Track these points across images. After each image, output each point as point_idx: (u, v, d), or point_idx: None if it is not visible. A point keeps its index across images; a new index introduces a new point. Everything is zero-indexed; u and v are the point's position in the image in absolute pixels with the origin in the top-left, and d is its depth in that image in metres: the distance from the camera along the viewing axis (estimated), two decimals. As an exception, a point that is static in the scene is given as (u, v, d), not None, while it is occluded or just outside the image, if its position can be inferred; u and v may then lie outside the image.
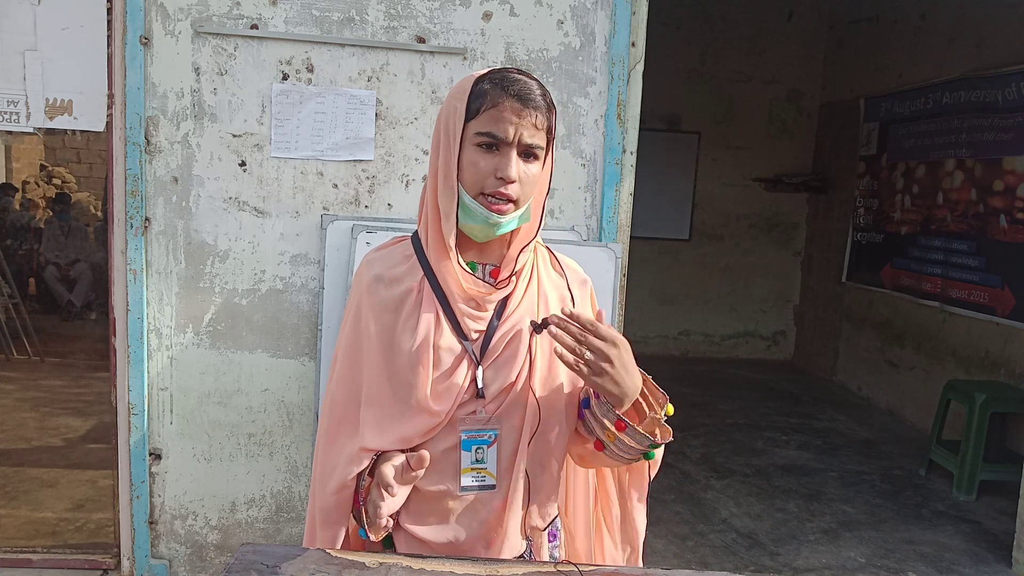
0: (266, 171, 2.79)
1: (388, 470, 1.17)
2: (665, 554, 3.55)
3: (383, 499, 1.19)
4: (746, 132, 7.34)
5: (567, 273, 1.39)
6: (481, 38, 2.78)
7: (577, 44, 2.81)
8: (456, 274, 1.27)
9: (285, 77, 2.75)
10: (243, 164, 2.78)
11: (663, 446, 1.30)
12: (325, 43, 2.75)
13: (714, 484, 4.41)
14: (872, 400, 6.30)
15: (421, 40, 2.77)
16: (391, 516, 1.24)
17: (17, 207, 8.41)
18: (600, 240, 2.86)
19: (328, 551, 1.26)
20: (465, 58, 2.78)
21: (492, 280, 1.32)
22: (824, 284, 7.16)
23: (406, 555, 1.27)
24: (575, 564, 1.27)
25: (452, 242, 1.27)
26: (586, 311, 1.37)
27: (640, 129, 2.90)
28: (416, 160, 2.83)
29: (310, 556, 1.23)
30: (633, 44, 2.82)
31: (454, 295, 1.28)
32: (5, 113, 2.74)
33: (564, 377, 1.33)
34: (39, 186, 9.18)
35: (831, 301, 7.00)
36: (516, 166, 1.23)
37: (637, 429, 1.25)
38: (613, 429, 1.25)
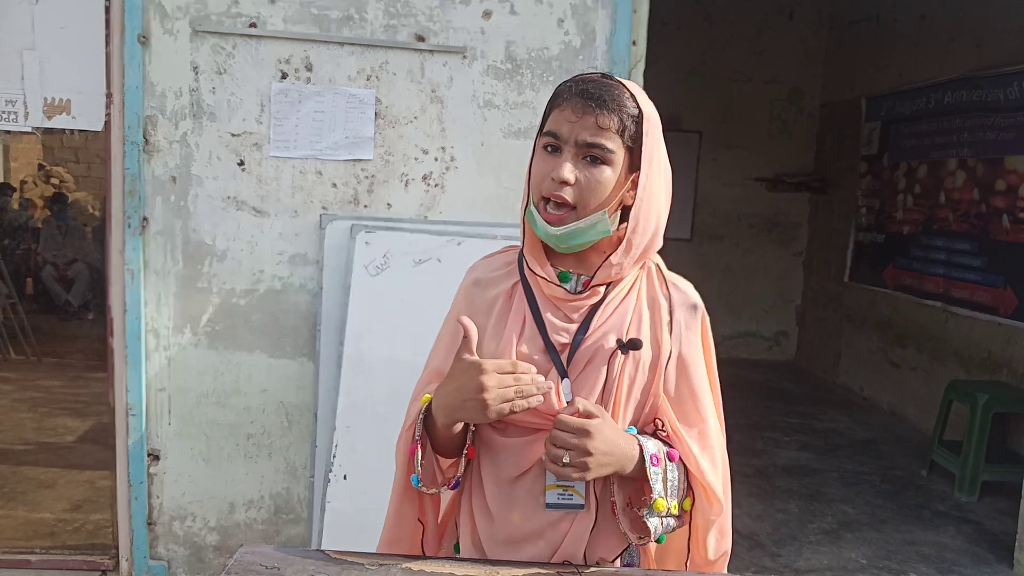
0: (265, 170, 2.78)
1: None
2: (666, 555, 3.53)
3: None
4: (747, 132, 7.33)
5: (672, 295, 1.29)
6: (481, 36, 2.77)
7: (578, 43, 2.80)
8: (537, 277, 1.25)
9: (284, 76, 2.74)
10: (242, 163, 2.77)
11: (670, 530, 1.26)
12: (324, 42, 2.73)
13: (715, 485, 4.39)
14: (874, 400, 6.29)
15: (421, 39, 2.75)
16: (450, 483, 1.24)
17: (15, 207, 8.40)
18: (601, 240, 2.85)
19: (327, 552, 1.24)
20: (465, 57, 2.77)
21: (583, 291, 1.26)
22: (825, 284, 7.15)
23: (405, 556, 1.26)
24: (575, 564, 1.25)
25: (529, 244, 1.26)
26: (692, 341, 1.29)
27: (641, 128, 2.88)
28: (416, 159, 2.81)
29: (309, 557, 1.23)
30: (634, 43, 2.81)
31: (543, 303, 1.25)
32: (3, 112, 2.73)
33: (641, 404, 1.27)
34: (37, 185, 9.17)
35: (832, 301, 6.99)
36: (571, 166, 1.17)
37: (621, 520, 1.23)
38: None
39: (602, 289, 1.25)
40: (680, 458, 1.26)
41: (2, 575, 2.99)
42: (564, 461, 1.15)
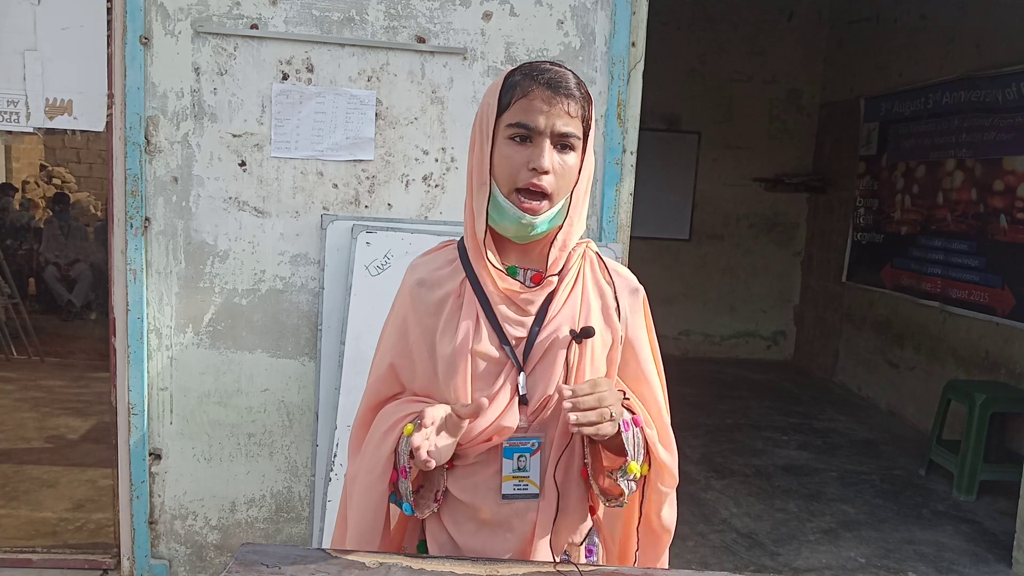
0: (266, 171, 2.79)
1: (431, 411, 1.17)
2: (665, 554, 3.54)
3: (423, 442, 1.15)
4: (746, 132, 7.34)
5: (616, 281, 1.35)
6: (481, 38, 2.78)
7: (577, 44, 2.81)
8: (489, 272, 1.25)
9: (285, 77, 2.75)
10: (243, 164, 2.78)
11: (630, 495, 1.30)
12: (325, 43, 2.75)
13: (714, 484, 4.41)
14: (872, 400, 6.29)
15: (421, 40, 2.77)
16: (437, 497, 1.23)
17: (17, 207, 8.41)
18: (600, 240, 2.86)
19: (328, 551, 1.26)
20: (465, 58, 2.78)
21: (533, 285, 1.28)
22: (824, 284, 7.16)
23: (406, 555, 1.27)
24: (575, 564, 1.26)
25: (481, 237, 1.25)
26: (637, 323, 1.36)
27: (640, 129, 2.90)
28: (416, 160, 2.83)
29: (310, 556, 1.23)
30: (633, 44, 2.82)
31: (494, 298, 1.26)
32: (5, 113, 2.74)
33: None
34: (39, 186, 9.18)
35: (831, 301, 7.00)
36: (550, 156, 1.20)
37: (593, 483, 1.29)
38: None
39: (555, 279, 1.28)
40: (640, 422, 1.30)
41: (4, 574, 3.00)
42: (591, 418, 1.15)
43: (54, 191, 8.87)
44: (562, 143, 1.21)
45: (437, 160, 2.83)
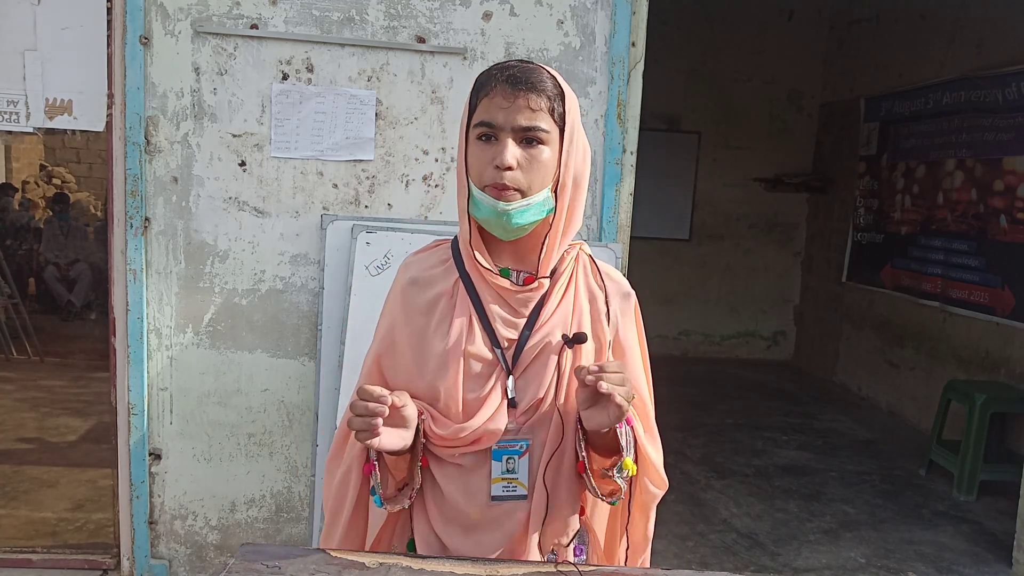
0: (266, 171, 2.79)
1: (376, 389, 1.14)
2: (665, 554, 3.54)
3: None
4: (746, 132, 7.34)
5: (607, 285, 1.33)
6: (481, 38, 2.78)
7: (577, 44, 2.81)
8: (479, 271, 1.25)
9: (285, 77, 2.75)
10: (243, 164, 2.78)
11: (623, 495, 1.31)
12: (325, 43, 2.75)
13: (714, 484, 4.40)
14: (872, 400, 6.29)
15: (421, 40, 2.77)
16: (411, 496, 1.23)
17: (17, 207, 8.41)
18: (600, 240, 2.86)
19: (328, 551, 1.25)
20: (465, 58, 2.78)
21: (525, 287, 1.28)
22: (824, 284, 7.16)
23: (406, 555, 1.27)
24: (575, 564, 1.26)
25: (467, 237, 1.25)
26: (628, 327, 1.34)
27: (640, 129, 2.90)
28: (416, 160, 2.82)
29: (310, 556, 1.23)
30: (633, 44, 2.82)
31: (486, 297, 1.26)
32: (5, 113, 2.74)
33: None
34: (39, 186, 9.18)
35: (831, 301, 7.00)
36: (511, 151, 1.19)
37: (589, 479, 1.28)
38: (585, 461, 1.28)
39: (547, 281, 1.27)
40: (630, 420, 1.28)
41: (4, 574, 3.00)
42: (621, 393, 1.14)
43: (54, 191, 8.86)
44: (527, 137, 1.20)
45: (437, 160, 2.83)
